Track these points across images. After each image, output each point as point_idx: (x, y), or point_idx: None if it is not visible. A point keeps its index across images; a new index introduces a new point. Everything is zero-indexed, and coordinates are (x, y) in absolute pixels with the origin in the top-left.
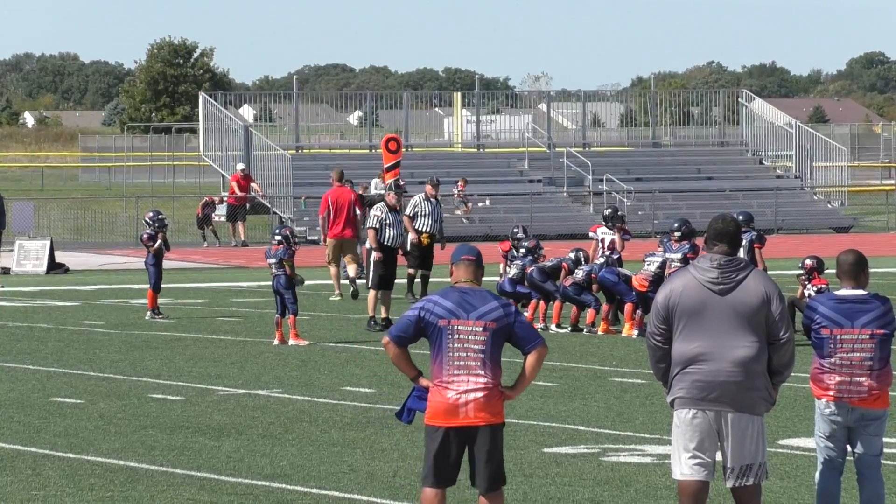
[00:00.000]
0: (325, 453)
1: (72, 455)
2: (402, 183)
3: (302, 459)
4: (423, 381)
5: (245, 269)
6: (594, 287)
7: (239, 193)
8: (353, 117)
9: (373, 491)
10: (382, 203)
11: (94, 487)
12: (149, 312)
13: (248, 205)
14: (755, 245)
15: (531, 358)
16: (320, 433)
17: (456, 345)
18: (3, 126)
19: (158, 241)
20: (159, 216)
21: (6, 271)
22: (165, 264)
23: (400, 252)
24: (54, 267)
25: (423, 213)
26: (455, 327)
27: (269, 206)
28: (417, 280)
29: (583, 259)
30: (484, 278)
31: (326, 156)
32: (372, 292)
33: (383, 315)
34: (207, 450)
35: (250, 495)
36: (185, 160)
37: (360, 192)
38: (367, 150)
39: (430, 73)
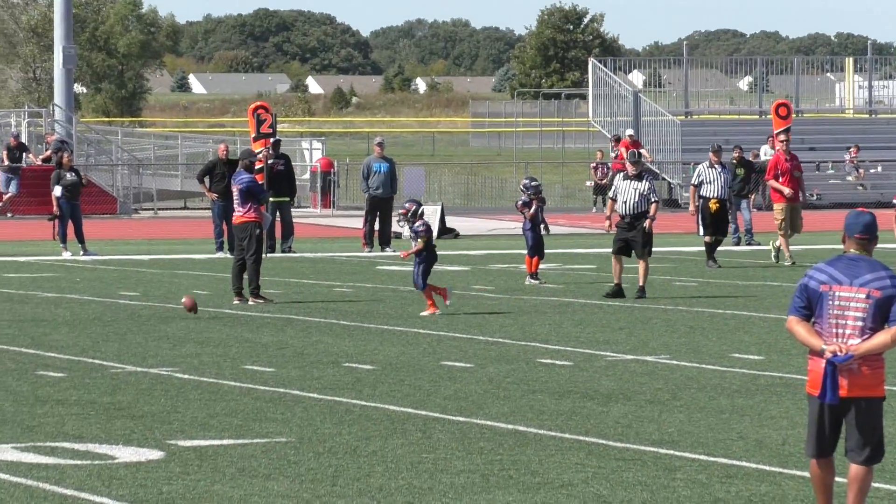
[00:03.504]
0: (713, 420)
1: (461, 418)
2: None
3: (690, 426)
4: (830, 348)
5: None
6: None
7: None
8: (743, 83)
9: (761, 458)
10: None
11: (484, 451)
12: (528, 277)
13: None
14: None
15: (891, 330)
16: (708, 399)
17: (836, 311)
18: (396, 92)
19: (534, 207)
20: (533, 182)
21: (398, 236)
22: (556, 230)
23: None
24: (445, 232)
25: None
26: (836, 293)
27: (658, 172)
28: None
29: None
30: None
31: (715, 122)
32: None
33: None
34: (595, 415)
35: (638, 461)
36: (574, 126)
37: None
38: (757, 116)
39: (822, 37)
